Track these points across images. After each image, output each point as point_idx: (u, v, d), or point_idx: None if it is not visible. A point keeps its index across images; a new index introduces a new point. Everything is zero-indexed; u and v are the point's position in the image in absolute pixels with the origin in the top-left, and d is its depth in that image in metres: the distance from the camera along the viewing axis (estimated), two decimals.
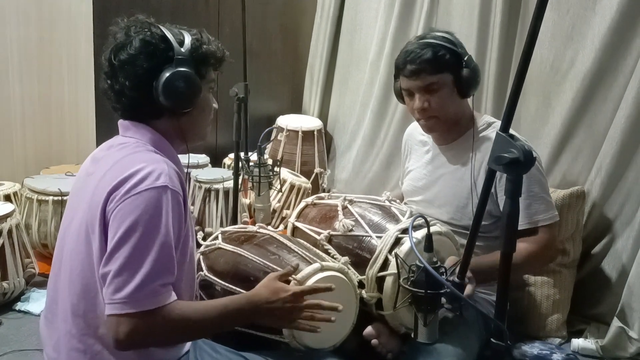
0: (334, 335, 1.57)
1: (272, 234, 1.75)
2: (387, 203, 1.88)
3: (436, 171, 1.97)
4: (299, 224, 1.91)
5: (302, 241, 1.75)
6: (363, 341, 1.68)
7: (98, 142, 1.62)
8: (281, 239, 1.70)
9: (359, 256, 1.70)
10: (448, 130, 1.91)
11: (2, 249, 2.31)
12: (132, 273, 1.17)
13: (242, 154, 2.30)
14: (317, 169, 3.57)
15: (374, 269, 1.62)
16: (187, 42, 1.34)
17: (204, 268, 1.70)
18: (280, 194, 3.10)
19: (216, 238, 1.80)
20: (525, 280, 2.33)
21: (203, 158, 3.26)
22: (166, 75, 1.30)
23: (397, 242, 1.64)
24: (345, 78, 3.64)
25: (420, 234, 1.59)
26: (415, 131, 2.09)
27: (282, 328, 1.47)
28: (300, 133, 3.51)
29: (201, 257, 1.75)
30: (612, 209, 2.36)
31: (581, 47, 2.40)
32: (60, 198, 2.60)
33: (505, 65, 2.72)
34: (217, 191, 2.90)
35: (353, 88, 3.57)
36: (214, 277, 1.65)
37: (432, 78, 1.80)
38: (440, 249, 1.61)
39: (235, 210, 2.46)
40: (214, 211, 2.90)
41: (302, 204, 2.00)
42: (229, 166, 3.32)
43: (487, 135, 1.87)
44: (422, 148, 2.05)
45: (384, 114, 3.31)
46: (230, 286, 1.60)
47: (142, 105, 1.35)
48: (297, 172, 3.44)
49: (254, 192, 2.17)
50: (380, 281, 1.62)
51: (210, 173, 3.02)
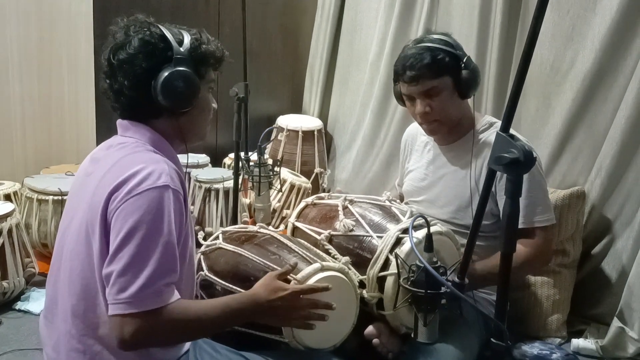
0: (335, 335, 1.56)
1: (272, 234, 1.75)
2: (388, 203, 1.87)
3: (437, 171, 1.97)
4: (299, 224, 1.91)
5: (302, 241, 1.75)
6: (364, 341, 1.67)
7: (98, 142, 1.61)
8: (282, 239, 1.70)
9: (360, 256, 1.70)
10: (449, 131, 1.91)
11: (2, 248, 2.31)
12: (136, 273, 1.17)
13: (242, 153, 2.30)
14: (317, 169, 3.57)
15: (374, 269, 1.62)
16: (187, 42, 1.34)
17: (204, 268, 1.70)
18: (281, 193, 3.10)
19: (217, 238, 1.80)
20: (526, 280, 2.33)
21: (203, 158, 3.26)
22: (165, 75, 1.30)
23: (398, 242, 1.64)
24: (345, 78, 3.64)
25: (420, 233, 1.59)
26: (416, 131, 2.08)
27: (281, 326, 1.46)
28: (300, 133, 3.51)
29: (202, 257, 1.75)
30: (612, 210, 2.36)
31: (581, 48, 2.40)
32: (60, 198, 2.60)
33: (505, 65, 2.72)
34: (217, 191, 2.91)
35: (353, 88, 3.57)
36: (214, 277, 1.65)
37: (432, 82, 1.79)
38: (441, 248, 1.61)
39: (235, 210, 2.46)
40: (214, 211, 2.90)
41: (302, 204, 2.00)
42: (229, 166, 3.32)
43: (488, 136, 1.87)
44: (423, 148, 2.05)
45: (384, 114, 3.31)
46: (231, 286, 1.60)
47: (141, 105, 1.34)
48: (297, 172, 3.44)
49: (254, 192, 2.17)
50: (381, 281, 1.62)
51: (210, 173, 3.02)
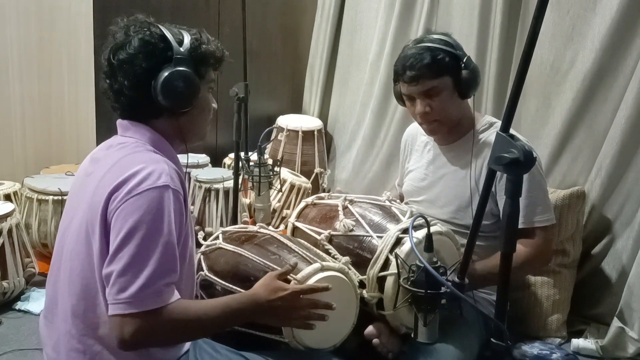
0: (335, 335, 1.56)
1: (272, 234, 1.75)
2: (388, 203, 1.87)
3: (438, 171, 1.97)
4: (299, 224, 1.91)
5: (302, 241, 1.75)
6: (364, 341, 1.67)
7: (98, 142, 1.61)
8: (282, 239, 1.70)
9: (360, 256, 1.70)
10: (449, 131, 1.91)
11: (2, 248, 2.31)
12: (136, 273, 1.17)
13: (242, 153, 2.30)
14: (317, 169, 3.57)
15: (374, 269, 1.62)
16: (187, 42, 1.34)
17: (204, 268, 1.70)
18: (281, 193, 3.10)
19: (217, 238, 1.80)
20: (526, 280, 2.33)
21: (203, 158, 3.25)
22: (165, 75, 1.29)
23: (398, 242, 1.64)
24: (345, 78, 3.64)
25: (420, 233, 1.59)
26: (416, 131, 2.08)
27: (281, 326, 1.46)
28: (300, 133, 3.51)
29: (202, 257, 1.75)
30: (612, 210, 2.36)
31: (581, 48, 2.40)
32: (60, 198, 2.60)
33: (505, 65, 2.72)
34: (217, 191, 2.91)
35: (353, 88, 3.57)
36: (214, 277, 1.65)
37: (432, 83, 1.79)
38: (441, 248, 1.61)
39: (235, 210, 2.46)
40: (214, 211, 2.90)
41: (302, 204, 2.00)
42: (229, 166, 3.32)
43: (489, 136, 1.87)
44: (423, 148, 2.05)
45: (384, 114, 3.31)
46: (231, 286, 1.60)
47: (141, 105, 1.34)
48: (297, 172, 3.44)
49: (254, 192, 2.17)
50: (381, 281, 1.62)
51: (210, 173, 3.02)
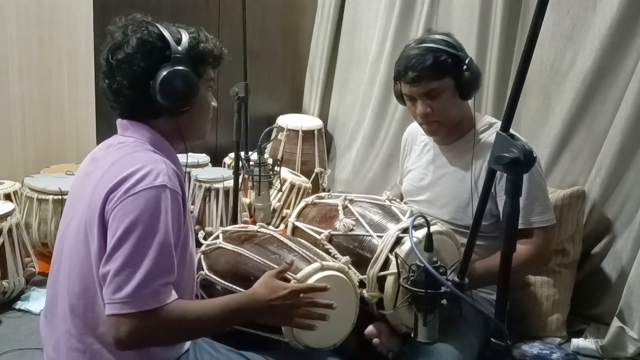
0: (335, 334, 1.56)
1: (272, 233, 1.75)
2: (388, 202, 1.87)
3: (437, 171, 1.96)
4: (299, 224, 1.91)
5: (302, 241, 1.75)
6: (364, 340, 1.67)
7: (98, 141, 1.61)
8: (282, 238, 1.70)
9: (360, 256, 1.70)
10: (449, 131, 1.91)
11: (2, 247, 2.32)
12: (132, 272, 1.17)
13: (243, 153, 2.30)
14: (317, 169, 3.57)
15: (375, 268, 1.62)
16: (185, 41, 1.33)
17: (204, 267, 1.70)
18: (281, 193, 3.10)
19: (217, 237, 1.80)
20: (526, 280, 2.33)
21: (203, 157, 3.25)
22: (163, 74, 1.29)
23: (398, 241, 1.64)
24: (345, 78, 3.64)
25: (420, 233, 1.59)
26: (415, 131, 2.08)
27: (281, 325, 1.46)
28: (300, 133, 3.51)
29: (202, 257, 1.75)
30: (612, 209, 2.36)
31: (581, 48, 2.40)
32: (60, 197, 2.60)
33: (505, 65, 2.72)
34: (217, 190, 2.91)
35: (353, 88, 3.57)
36: (214, 277, 1.65)
37: (433, 84, 1.79)
38: (441, 248, 1.61)
39: (235, 210, 2.46)
40: (214, 210, 2.90)
41: (302, 204, 2.00)
42: (229, 165, 3.32)
43: (488, 136, 1.87)
44: (422, 148, 2.05)
45: (384, 114, 3.31)
46: (231, 285, 1.60)
47: (140, 105, 1.34)
48: (297, 171, 3.44)
49: (254, 192, 2.17)
50: (381, 281, 1.62)
51: (210, 172, 3.02)
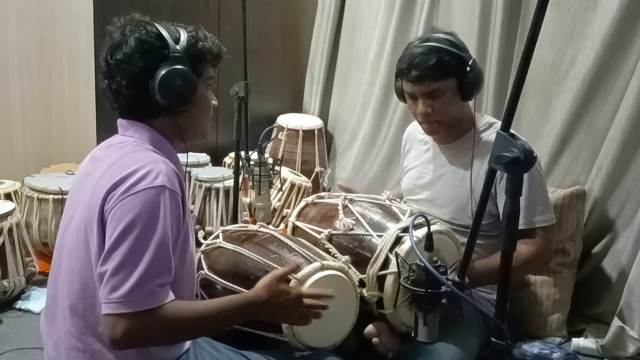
0: (335, 334, 1.57)
1: (272, 233, 1.75)
2: (388, 202, 1.87)
3: (436, 170, 1.96)
4: (299, 223, 1.91)
5: (302, 240, 1.75)
6: (363, 340, 1.67)
7: (98, 141, 1.61)
8: (282, 238, 1.70)
9: (360, 255, 1.70)
10: (448, 131, 1.91)
11: (3, 247, 2.32)
12: (129, 272, 1.16)
13: (243, 153, 2.30)
14: (318, 168, 3.57)
15: (374, 267, 1.62)
16: (183, 40, 1.33)
17: (204, 267, 1.70)
18: (281, 193, 3.10)
19: (217, 237, 1.80)
20: (526, 279, 2.33)
21: (203, 157, 3.25)
22: (161, 74, 1.29)
23: (398, 241, 1.64)
24: (345, 77, 3.64)
25: (420, 232, 1.59)
26: (415, 130, 2.08)
27: (278, 323, 1.47)
28: (300, 132, 3.51)
29: (202, 256, 1.75)
30: (613, 209, 2.36)
31: (581, 47, 2.40)
32: (60, 197, 2.60)
33: (505, 65, 2.72)
34: (217, 190, 2.91)
35: (353, 87, 3.57)
36: (214, 276, 1.66)
37: (436, 84, 1.78)
38: (441, 247, 1.61)
39: (235, 209, 2.46)
40: (215, 210, 2.90)
41: (302, 203, 2.00)
42: (229, 165, 3.32)
43: (488, 136, 1.87)
44: (422, 147, 2.05)
45: (384, 113, 3.31)
46: (231, 285, 1.60)
47: (139, 104, 1.34)
48: (298, 171, 3.44)
49: (254, 191, 2.17)
50: (381, 280, 1.62)
51: (210, 172, 3.02)
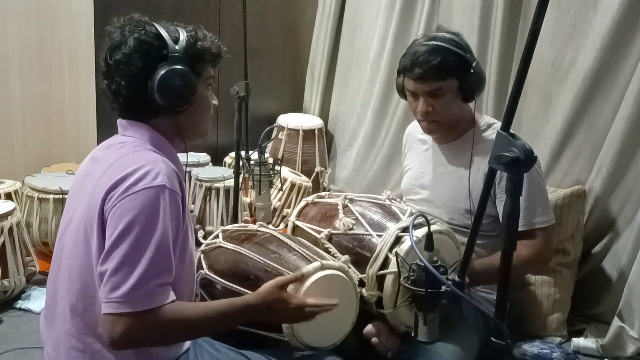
0: (335, 333, 1.57)
1: (272, 232, 1.75)
2: (388, 202, 1.87)
3: (435, 170, 1.96)
4: (299, 223, 1.91)
5: (302, 240, 1.75)
6: (363, 340, 1.67)
7: (99, 141, 1.62)
8: (282, 237, 1.70)
9: (360, 255, 1.70)
10: (447, 131, 1.91)
11: (3, 247, 2.32)
12: (129, 272, 1.16)
13: (243, 152, 2.30)
14: (318, 168, 3.56)
15: (374, 267, 1.62)
16: (182, 39, 1.33)
17: (204, 266, 1.70)
18: (281, 192, 3.10)
19: (217, 236, 1.80)
20: (526, 279, 2.33)
21: (204, 157, 3.25)
22: (160, 74, 1.29)
23: (398, 240, 1.64)
24: (346, 77, 3.64)
25: (420, 232, 1.59)
26: (415, 130, 2.08)
27: (278, 324, 1.48)
28: (301, 132, 3.50)
29: (202, 256, 1.75)
30: (613, 209, 2.36)
31: (582, 47, 2.40)
32: (61, 196, 2.60)
33: (506, 64, 2.72)
34: (217, 190, 2.91)
35: (354, 87, 3.57)
36: (214, 276, 1.66)
37: (438, 84, 1.78)
38: (440, 247, 1.60)
39: (235, 209, 2.46)
40: (215, 210, 2.90)
41: (302, 203, 2.00)
42: (229, 165, 3.32)
43: (487, 137, 1.87)
44: (421, 146, 2.05)
45: (384, 113, 3.31)
46: (231, 285, 1.60)
47: (139, 104, 1.34)
48: (298, 170, 3.44)
49: (254, 191, 2.17)
50: (380, 280, 1.62)
51: (211, 172, 3.02)
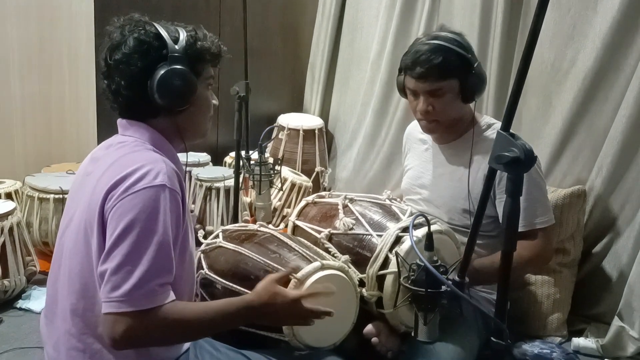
0: (335, 333, 1.57)
1: (272, 232, 1.75)
2: (388, 202, 1.87)
3: (435, 170, 1.96)
4: (299, 223, 1.91)
5: (302, 240, 1.75)
6: (363, 340, 1.68)
7: (99, 141, 1.62)
8: (282, 237, 1.70)
9: (360, 255, 1.70)
10: (447, 130, 1.91)
11: (3, 246, 2.32)
12: (129, 271, 1.16)
13: (243, 152, 2.30)
14: (318, 168, 3.57)
15: (374, 267, 1.62)
16: (182, 39, 1.33)
17: (204, 266, 1.70)
18: (281, 192, 3.10)
19: (217, 236, 1.80)
20: (526, 279, 2.33)
21: (204, 156, 3.25)
22: (160, 74, 1.29)
23: (398, 240, 1.64)
24: (346, 77, 3.64)
25: (420, 232, 1.59)
26: (415, 130, 2.08)
27: (280, 326, 1.47)
28: (301, 132, 3.50)
29: (202, 256, 1.75)
30: (613, 209, 2.36)
31: (582, 47, 2.40)
32: (61, 196, 2.60)
33: (506, 64, 2.71)
34: (218, 190, 2.91)
35: (354, 87, 3.57)
36: (214, 276, 1.66)
37: (439, 84, 1.78)
38: (440, 247, 1.60)
39: (236, 209, 2.46)
40: (215, 210, 2.90)
41: (302, 203, 2.00)
42: (230, 165, 3.32)
43: (487, 137, 1.87)
44: (421, 146, 2.05)
45: (385, 113, 3.31)
46: (231, 284, 1.60)
47: (139, 104, 1.34)
48: (298, 170, 3.44)
49: (254, 191, 2.17)
50: (380, 280, 1.62)
51: (211, 172, 3.03)
